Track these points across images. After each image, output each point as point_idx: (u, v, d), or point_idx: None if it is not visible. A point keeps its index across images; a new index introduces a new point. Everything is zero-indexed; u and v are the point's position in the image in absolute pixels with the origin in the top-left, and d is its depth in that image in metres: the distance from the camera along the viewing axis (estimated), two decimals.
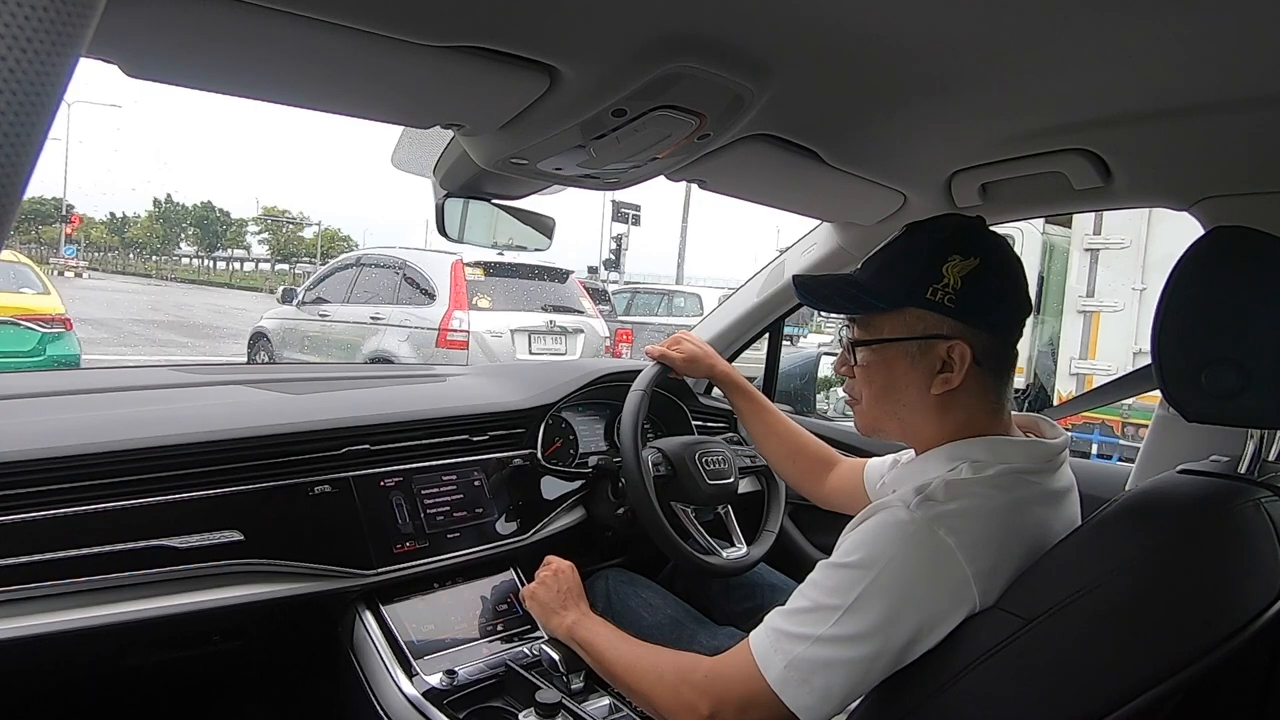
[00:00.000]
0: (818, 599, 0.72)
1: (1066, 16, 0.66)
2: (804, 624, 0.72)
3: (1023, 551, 0.72)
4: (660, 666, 0.84)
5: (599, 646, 0.94)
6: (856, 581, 0.70)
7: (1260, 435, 0.86)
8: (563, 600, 1.04)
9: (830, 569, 0.73)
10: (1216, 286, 0.70)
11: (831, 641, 0.70)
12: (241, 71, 0.74)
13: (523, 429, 1.40)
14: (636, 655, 0.89)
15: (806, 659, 0.70)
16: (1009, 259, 0.80)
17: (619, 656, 0.91)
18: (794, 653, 0.71)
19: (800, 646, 0.71)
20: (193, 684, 1.24)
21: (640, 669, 0.86)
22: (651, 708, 0.84)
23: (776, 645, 0.73)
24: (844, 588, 0.71)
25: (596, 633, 0.96)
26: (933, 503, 0.72)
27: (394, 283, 5.96)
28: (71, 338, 5.56)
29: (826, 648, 0.70)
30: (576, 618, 1.00)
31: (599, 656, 0.94)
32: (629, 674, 0.88)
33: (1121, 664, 0.63)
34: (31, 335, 5.29)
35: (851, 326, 0.85)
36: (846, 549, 0.73)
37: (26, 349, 5.25)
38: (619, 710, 1.07)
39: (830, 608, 0.71)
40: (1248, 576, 0.65)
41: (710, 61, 0.74)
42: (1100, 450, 5.37)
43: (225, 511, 1.02)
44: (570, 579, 1.08)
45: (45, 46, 0.23)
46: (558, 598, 1.05)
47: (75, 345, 5.55)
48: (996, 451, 0.77)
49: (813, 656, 0.70)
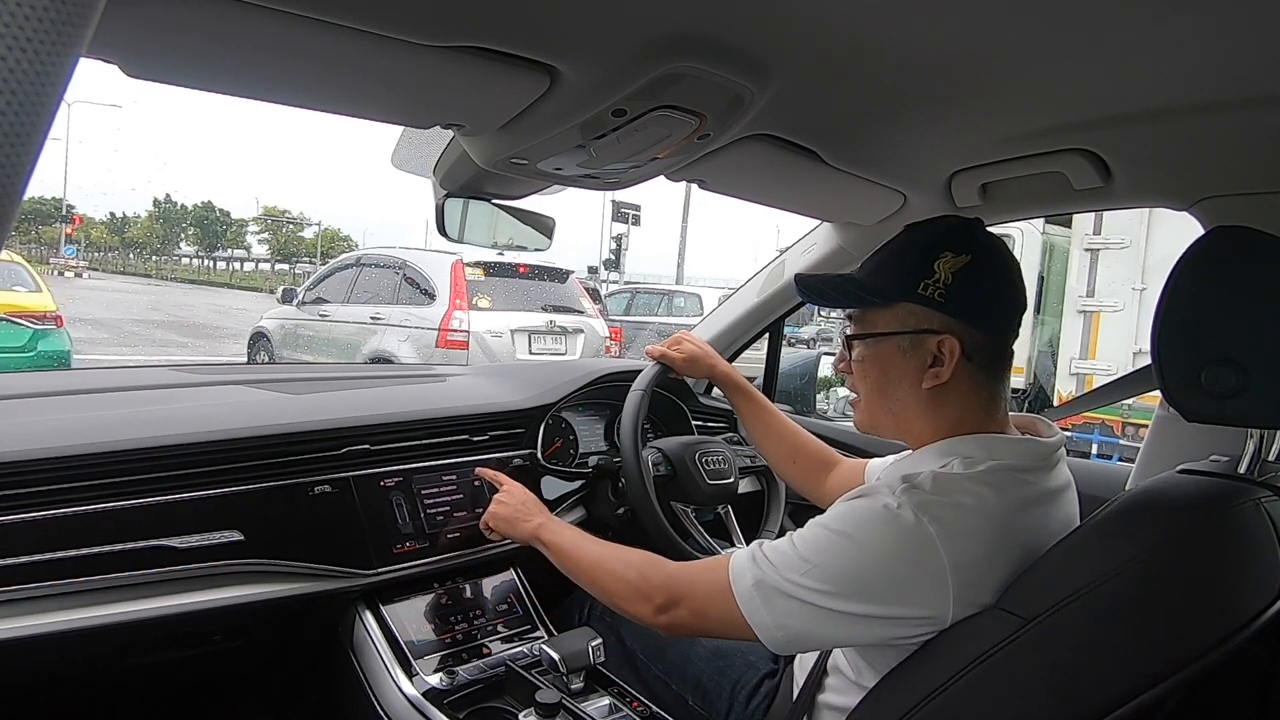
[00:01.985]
0: (799, 550, 0.76)
1: (1066, 17, 0.66)
2: (780, 562, 0.76)
3: (1017, 551, 0.73)
4: (627, 558, 0.89)
5: (563, 546, 0.99)
6: (832, 546, 0.74)
7: (1260, 435, 0.86)
8: (525, 510, 1.09)
9: (816, 527, 0.77)
10: (1216, 286, 0.70)
11: (798, 586, 0.74)
12: (241, 71, 0.74)
13: (523, 429, 1.40)
14: (602, 551, 0.94)
15: (774, 586, 0.75)
16: (1003, 258, 0.81)
17: (584, 553, 0.95)
18: (764, 576, 0.76)
19: (772, 574, 0.76)
20: (193, 684, 1.24)
21: (605, 562, 0.91)
22: (609, 598, 0.89)
23: (752, 566, 0.77)
24: (821, 547, 0.74)
25: (561, 534, 1.01)
26: (918, 491, 0.73)
27: (394, 283, 5.96)
28: (62, 334, 5.72)
29: (793, 588, 0.74)
30: (541, 520, 1.06)
31: (564, 555, 0.98)
32: (593, 568, 0.92)
33: (1122, 663, 0.63)
34: (23, 332, 5.47)
35: (850, 324, 0.86)
36: (835, 516, 0.76)
37: (19, 345, 5.42)
38: (619, 710, 1.07)
39: (804, 560, 0.74)
40: (1248, 576, 0.65)
41: (710, 61, 0.74)
42: (1100, 450, 5.37)
43: (225, 511, 1.02)
44: (525, 493, 1.13)
45: (45, 46, 0.23)
46: (519, 509, 1.10)
47: (66, 341, 5.73)
48: (989, 449, 0.78)
49: (779, 587, 0.75)
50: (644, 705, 1.06)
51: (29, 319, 5.53)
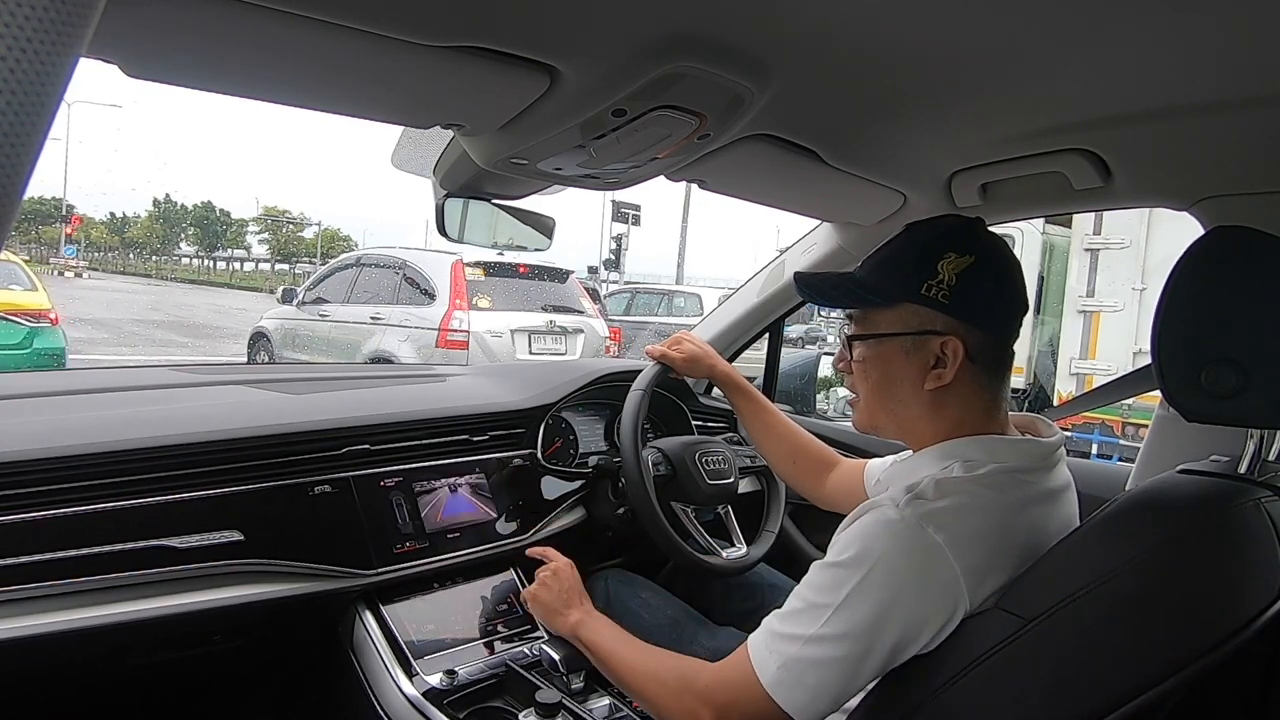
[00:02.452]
0: (810, 598, 0.73)
1: (1066, 17, 0.66)
2: (796, 624, 0.73)
3: (1017, 552, 0.72)
4: (663, 673, 0.85)
5: (603, 649, 0.95)
6: (846, 580, 0.71)
7: (1260, 435, 0.86)
8: (565, 600, 1.05)
9: (822, 568, 0.74)
10: (1216, 286, 0.70)
11: (822, 640, 0.71)
12: (241, 71, 0.74)
13: (523, 429, 1.40)
14: (640, 659, 0.90)
15: (799, 659, 0.71)
16: (1005, 258, 0.81)
17: (622, 660, 0.92)
18: (787, 653, 0.72)
19: (793, 647, 0.72)
20: (193, 684, 1.24)
21: (644, 673, 0.88)
22: (655, 712, 0.85)
23: (771, 647, 0.74)
24: (834, 586, 0.72)
25: (601, 633, 0.97)
26: (922, 501, 0.72)
27: (394, 283, 5.96)
28: (57, 332, 5.84)
29: (817, 647, 0.71)
30: (580, 617, 1.01)
31: (603, 658, 0.95)
32: (633, 677, 0.89)
33: (1122, 663, 0.63)
34: (19, 329, 5.58)
35: (850, 323, 0.86)
36: (838, 548, 0.74)
37: (14, 342, 5.54)
38: (619, 710, 1.07)
39: (821, 606, 0.71)
40: (1248, 576, 0.65)
41: (710, 61, 0.74)
42: (1100, 450, 5.37)
43: (225, 511, 1.02)
44: (570, 577, 1.09)
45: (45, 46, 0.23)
46: (560, 597, 1.06)
47: (61, 339, 5.85)
48: (989, 450, 0.77)
49: (805, 656, 0.71)
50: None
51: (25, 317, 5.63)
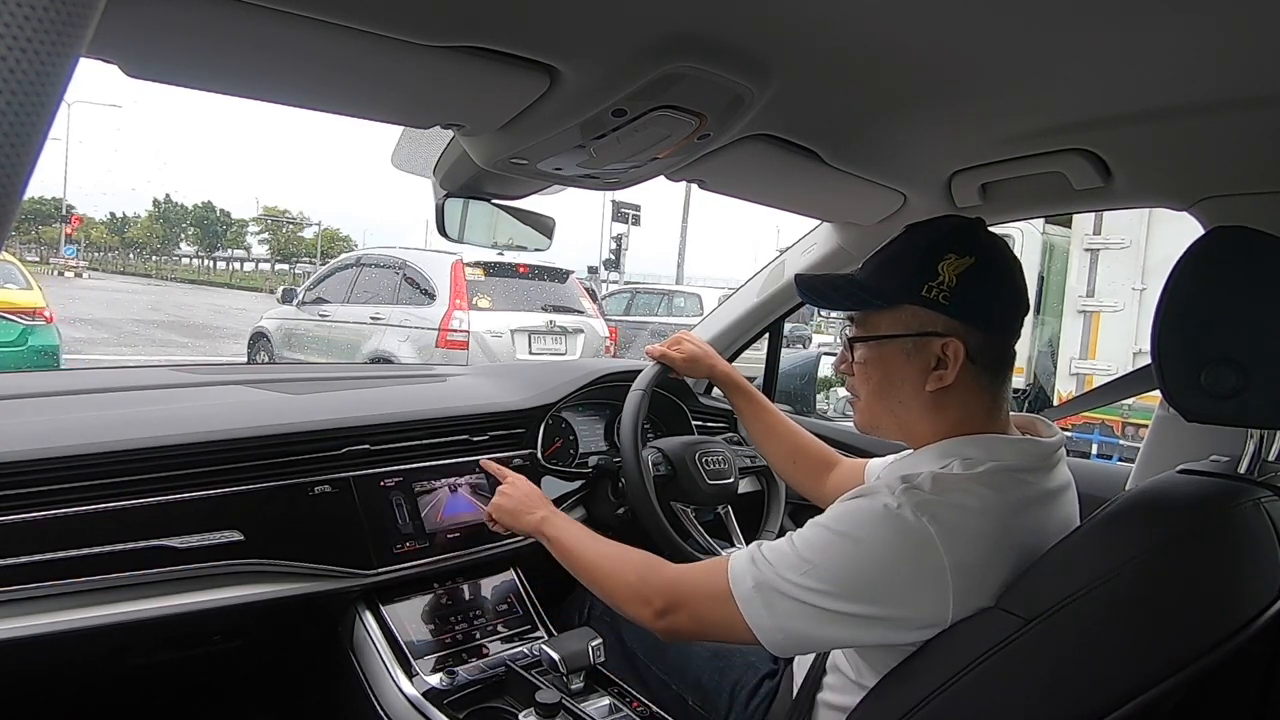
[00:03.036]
0: (798, 550, 0.76)
1: (1066, 17, 0.66)
2: (780, 562, 0.76)
3: (1017, 552, 0.73)
4: (628, 559, 0.89)
5: (566, 541, 0.98)
6: (831, 545, 0.74)
7: (1260, 435, 0.86)
8: (529, 503, 1.09)
9: (815, 527, 0.77)
10: (1216, 286, 0.70)
11: (798, 587, 0.74)
12: (241, 71, 0.74)
13: (523, 429, 1.40)
14: (604, 550, 0.93)
15: (774, 588, 0.74)
16: (1006, 259, 0.81)
17: (585, 550, 0.95)
18: (764, 577, 0.75)
19: (772, 575, 0.75)
20: (193, 684, 1.24)
21: (607, 562, 0.91)
22: (610, 598, 0.89)
23: (752, 568, 0.76)
24: (820, 547, 0.74)
25: (565, 529, 1.01)
26: (917, 491, 0.73)
27: (394, 283, 5.96)
28: (51, 329, 5.97)
29: (793, 589, 0.74)
30: (544, 514, 1.05)
31: (566, 550, 0.98)
32: (594, 567, 0.92)
33: (1122, 663, 0.63)
34: (14, 327, 5.71)
35: (850, 324, 0.86)
36: (835, 516, 0.76)
37: (10, 339, 5.66)
38: (619, 710, 1.07)
39: (804, 559, 0.74)
40: (1248, 576, 0.65)
41: (710, 61, 0.74)
42: (1100, 450, 5.36)
43: (225, 511, 1.02)
44: (528, 485, 1.14)
45: (45, 46, 0.23)
46: (523, 501, 1.10)
47: (55, 336, 5.99)
48: (989, 449, 0.78)
49: (780, 588, 0.74)
50: (644, 705, 1.06)
51: (20, 315, 5.76)
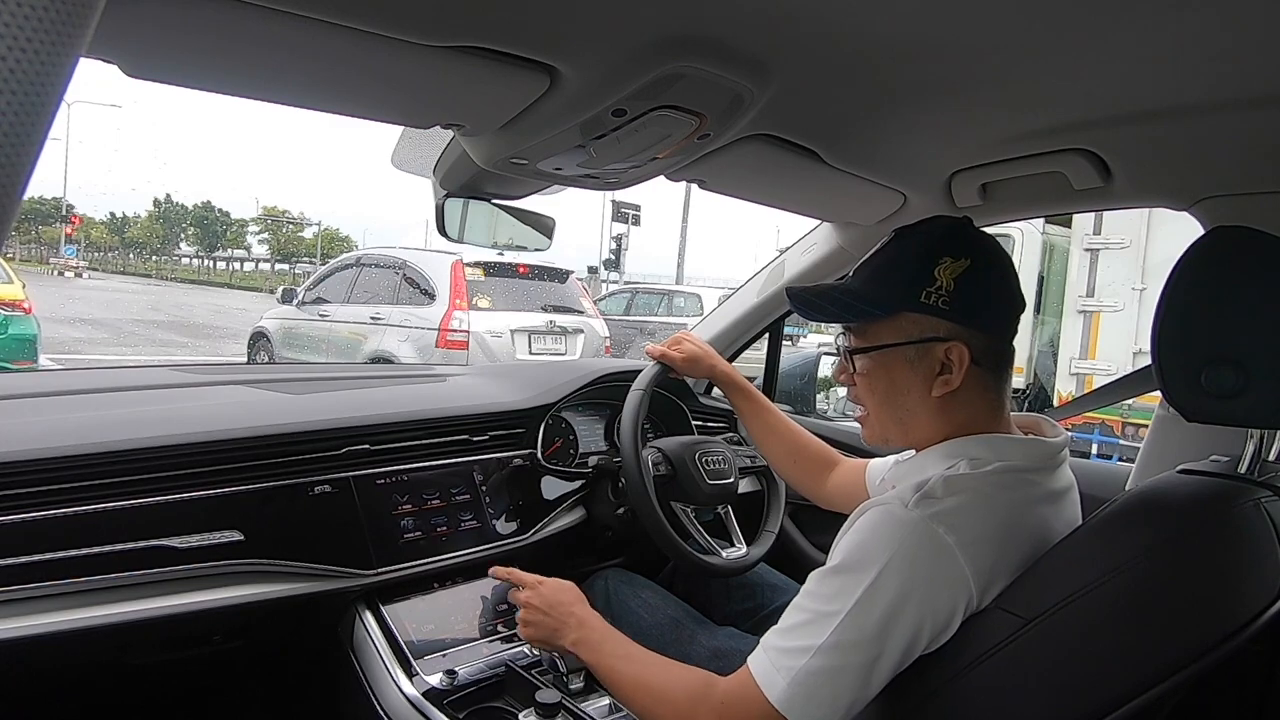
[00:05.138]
0: (815, 608, 0.71)
1: (1066, 17, 0.66)
2: (802, 637, 0.71)
3: (1022, 551, 0.72)
4: (681, 681, 0.82)
5: (605, 662, 0.92)
6: (854, 585, 0.69)
7: (1260, 435, 0.86)
8: (554, 625, 1.00)
9: (826, 576, 0.73)
10: (1216, 286, 0.70)
11: (832, 650, 0.69)
12: (241, 71, 0.74)
13: (523, 429, 1.40)
14: (650, 672, 0.87)
15: (808, 672, 0.69)
16: (999, 257, 0.80)
17: (627, 671, 0.89)
18: (794, 668, 0.70)
19: (800, 660, 0.70)
20: (193, 684, 1.24)
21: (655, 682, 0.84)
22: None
23: (776, 664, 0.72)
24: (843, 593, 0.70)
25: (600, 647, 0.94)
26: (931, 500, 0.71)
27: (394, 283, 5.96)
28: (30, 320, 6.31)
29: (827, 657, 0.69)
30: (575, 637, 0.97)
31: (606, 671, 0.92)
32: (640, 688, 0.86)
33: (1122, 663, 0.63)
34: None
35: (848, 335, 0.85)
36: (843, 552, 0.73)
37: None
38: (619, 710, 1.07)
39: (829, 614, 0.70)
40: (1248, 576, 0.65)
41: (710, 61, 0.74)
42: (1100, 450, 5.37)
43: (225, 511, 1.02)
44: (550, 594, 1.03)
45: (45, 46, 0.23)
46: (547, 624, 1.01)
47: (34, 326, 6.34)
48: (995, 449, 0.77)
49: (814, 668, 0.69)
50: None
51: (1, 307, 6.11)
